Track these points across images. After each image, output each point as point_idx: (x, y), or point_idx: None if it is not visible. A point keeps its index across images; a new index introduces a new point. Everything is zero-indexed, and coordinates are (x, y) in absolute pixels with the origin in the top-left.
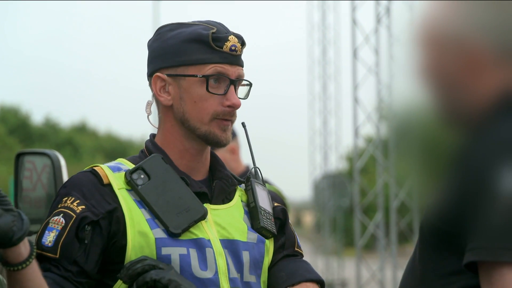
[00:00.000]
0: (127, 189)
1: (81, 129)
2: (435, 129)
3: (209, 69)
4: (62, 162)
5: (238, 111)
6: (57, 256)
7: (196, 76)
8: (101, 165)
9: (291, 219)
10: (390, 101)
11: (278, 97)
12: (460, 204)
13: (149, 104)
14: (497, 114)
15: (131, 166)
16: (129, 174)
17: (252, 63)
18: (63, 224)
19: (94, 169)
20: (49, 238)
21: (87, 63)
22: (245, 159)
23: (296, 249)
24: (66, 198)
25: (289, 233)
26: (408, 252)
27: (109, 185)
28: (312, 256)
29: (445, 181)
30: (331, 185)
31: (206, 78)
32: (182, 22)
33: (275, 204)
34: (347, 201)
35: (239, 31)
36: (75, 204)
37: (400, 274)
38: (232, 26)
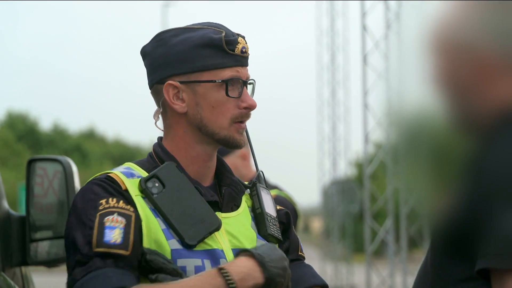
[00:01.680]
0: (142, 197)
1: (90, 136)
2: (447, 136)
3: (226, 73)
4: (74, 168)
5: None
6: (129, 253)
7: (215, 82)
8: (115, 171)
9: (299, 225)
10: (400, 107)
11: (287, 103)
12: (472, 211)
13: (157, 112)
14: (509, 123)
15: (141, 171)
16: (144, 182)
17: (260, 68)
18: (124, 222)
19: (109, 176)
20: (114, 236)
21: (95, 70)
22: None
23: (299, 253)
24: (105, 200)
25: (293, 238)
26: (418, 258)
27: (127, 191)
28: (320, 262)
29: (457, 187)
30: (340, 191)
31: (226, 82)
32: (185, 27)
33: (278, 207)
34: (356, 207)
35: (249, 36)
36: (122, 204)
37: (410, 280)
38: (241, 30)
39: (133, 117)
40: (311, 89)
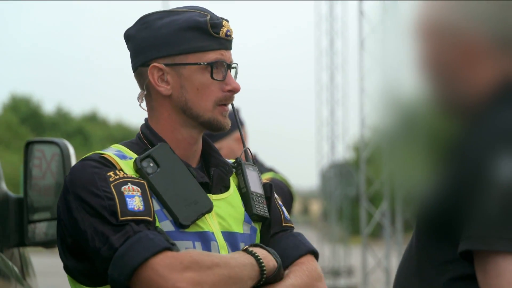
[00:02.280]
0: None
1: (92, 118)
2: (435, 120)
3: (211, 56)
4: (71, 150)
5: (249, 102)
6: (152, 219)
7: (200, 64)
8: (107, 152)
9: (299, 207)
10: (394, 91)
11: (286, 88)
12: (456, 193)
13: (141, 95)
14: (495, 104)
15: (131, 153)
16: (139, 161)
17: (261, 55)
18: (140, 191)
19: (103, 156)
20: (136, 203)
21: (98, 55)
22: (252, 148)
23: (284, 224)
24: (112, 172)
25: (274, 211)
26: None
27: (122, 171)
28: (319, 243)
29: (442, 170)
30: (338, 174)
31: (211, 65)
32: (170, 10)
33: (264, 181)
34: (353, 190)
35: (249, 24)
36: (129, 174)
37: None
38: (241, 18)
39: (134, 101)
40: (310, 74)
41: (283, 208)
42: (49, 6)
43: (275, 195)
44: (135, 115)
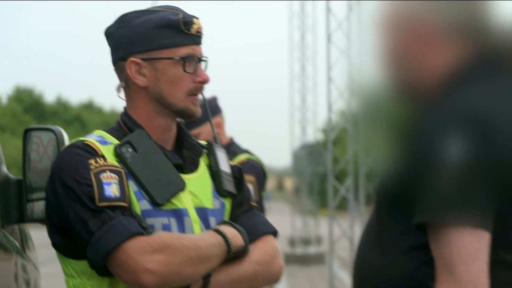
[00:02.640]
0: (117, 161)
1: (89, 107)
2: (394, 104)
3: (183, 51)
4: (65, 136)
5: (230, 91)
6: (127, 204)
7: (173, 58)
8: (89, 139)
9: (273, 184)
10: (360, 79)
11: (262, 78)
12: (411, 171)
13: (120, 86)
14: (448, 88)
15: (112, 139)
16: (119, 147)
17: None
18: (118, 178)
19: (85, 143)
20: (113, 190)
21: (94, 50)
22: (229, 132)
23: (251, 203)
24: (93, 160)
25: (245, 190)
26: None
27: (103, 156)
28: (291, 215)
29: (400, 150)
30: (309, 154)
31: (183, 59)
32: (146, 9)
33: (231, 163)
34: (322, 168)
35: (229, 29)
36: (109, 162)
37: None
38: (221, 17)
39: None
40: (284, 66)
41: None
42: (48, 7)
43: (244, 176)
44: None
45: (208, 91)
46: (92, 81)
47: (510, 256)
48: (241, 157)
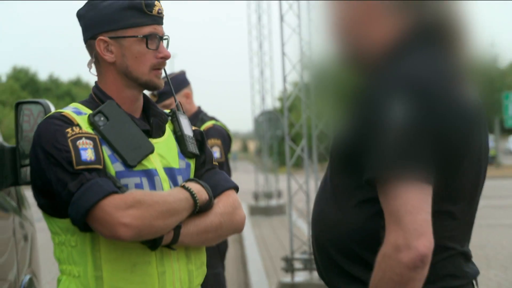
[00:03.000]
0: (91, 129)
1: (77, 83)
2: (341, 73)
3: (145, 30)
4: (52, 108)
5: (200, 65)
6: (102, 166)
7: (137, 37)
8: (66, 110)
9: (238, 146)
10: (310, 54)
11: (224, 55)
12: (360, 132)
13: (91, 62)
14: (390, 58)
15: (86, 109)
16: (92, 116)
17: (203, 32)
18: (92, 144)
19: (62, 114)
20: (88, 154)
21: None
22: (197, 102)
23: (213, 163)
24: (70, 128)
25: (207, 152)
26: (325, 169)
27: (78, 125)
28: (255, 173)
29: (349, 114)
30: (268, 120)
31: (146, 37)
32: None
33: (194, 128)
34: (280, 132)
35: (185, 3)
36: (83, 130)
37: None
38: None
39: None
40: (244, 43)
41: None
42: None
43: (208, 141)
44: None
45: (179, 65)
46: (80, 60)
47: (450, 206)
48: (208, 124)
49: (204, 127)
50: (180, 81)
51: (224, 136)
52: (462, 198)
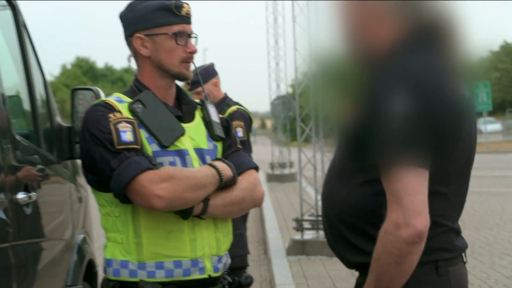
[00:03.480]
0: (131, 115)
1: (128, 70)
2: (350, 68)
3: (175, 28)
4: (102, 95)
5: (224, 61)
6: (139, 147)
7: (168, 34)
8: (109, 99)
9: (258, 124)
10: (317, 50)
11: (246, 49)
12: (365, 120)
13: (129, 58)
14: (393, 55)
15: (127, 98)
16: (131, 104)
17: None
18: (131, 127)
19: (106, 102)
20: (127, 136)
21: None
22: (224, 89)
23: (237, 146)
24: (112, 114)
25: (232, 136)
26: (330, 145)
27: (120, 111)
28: (271, 146)
29: (355, 103)
30: (282, 103)
31: (175, 34)
32: None
33: (220, 116)
34: (292, 113)
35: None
36: (123, 115)
37: (325, 159)
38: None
39: None
40: (262, 40)
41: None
42: None
43: (233, 123)
44: None
45: (210, 57)
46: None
47: (444, 188)
48: (233, 108)
49: (229, 110)
50: (209, 72)
51: (246, 118)
52: (454, 180)
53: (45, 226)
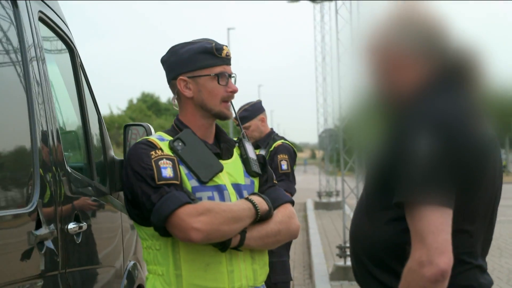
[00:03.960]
0: (171, 152)
1: None
2: (380, 107)
3: (217, 69)
4: (152, 130)
5: (272, 97)
6: (179, 182)
7: (210, 75)
8: (151, 137)
9: (309, 154)
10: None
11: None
12: (391, 160)
13: (173, 99)
14: (418, 98)
15: (168, 137)
16: (172, 142)
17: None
18: (171, 164)
19: (148, 140)
20: (168, 172)
21: None
22: (280, 124)
23: (274, 181)
24: (154, 151)
25: (269, 172)
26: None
27: (161, 149)
28: (320, 175)
29: (383, 144)
30: (329, 136)
31: (217, 75)
32: (187, 42)
33: (257, 152)
34: (338, 146)
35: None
36: (164, 153)
37: None
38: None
39: None
40: (312, 78)
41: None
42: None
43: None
44: None
45: (267, 102)
46: None
47: (468, 226)
48: (278, 142)
49: (275, 144)
50: (256, 108)
51: (290, 152)
52: (479, 218)
53: (96, 254)
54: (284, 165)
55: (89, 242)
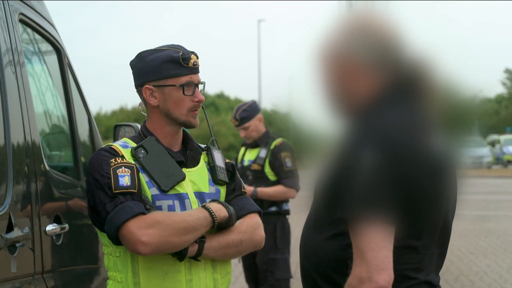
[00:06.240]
0: (133, 160)
1: (220, 96)
2: (329, 118)
3: (183, 79)
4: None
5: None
6: (136, 191)
7: (175, 86)
8: (115, 144)
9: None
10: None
11: None
12: (336, 175)
13: (140, 104)
14: (368, 109)
15: (132, 143)
16: (134, 150)
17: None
18: (129, 172)
19: (111, 147)
20: (125, 180)
21: (228, 52)
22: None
23: (242, 190)
24: (114, 159)
25: (237, 180)
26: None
27: (123, 156)
28: None
29: (331, 157)
30: None
31: (183, 86)
32: (155, 49)
33: (227, 160)
34: None
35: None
36: (124, 161)
37: None
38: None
39: (248, 83)
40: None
41: (241, 179)
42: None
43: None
44: (249, 94)
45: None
46: (223, 77)
47: (415, 242)
48: (279, 140)
49: (275, 143)
50: (254, 108)
51: (292, 150)
52: (427, 234)
53: (79, 255)
54: (289, 163)
55: (71, 243)
